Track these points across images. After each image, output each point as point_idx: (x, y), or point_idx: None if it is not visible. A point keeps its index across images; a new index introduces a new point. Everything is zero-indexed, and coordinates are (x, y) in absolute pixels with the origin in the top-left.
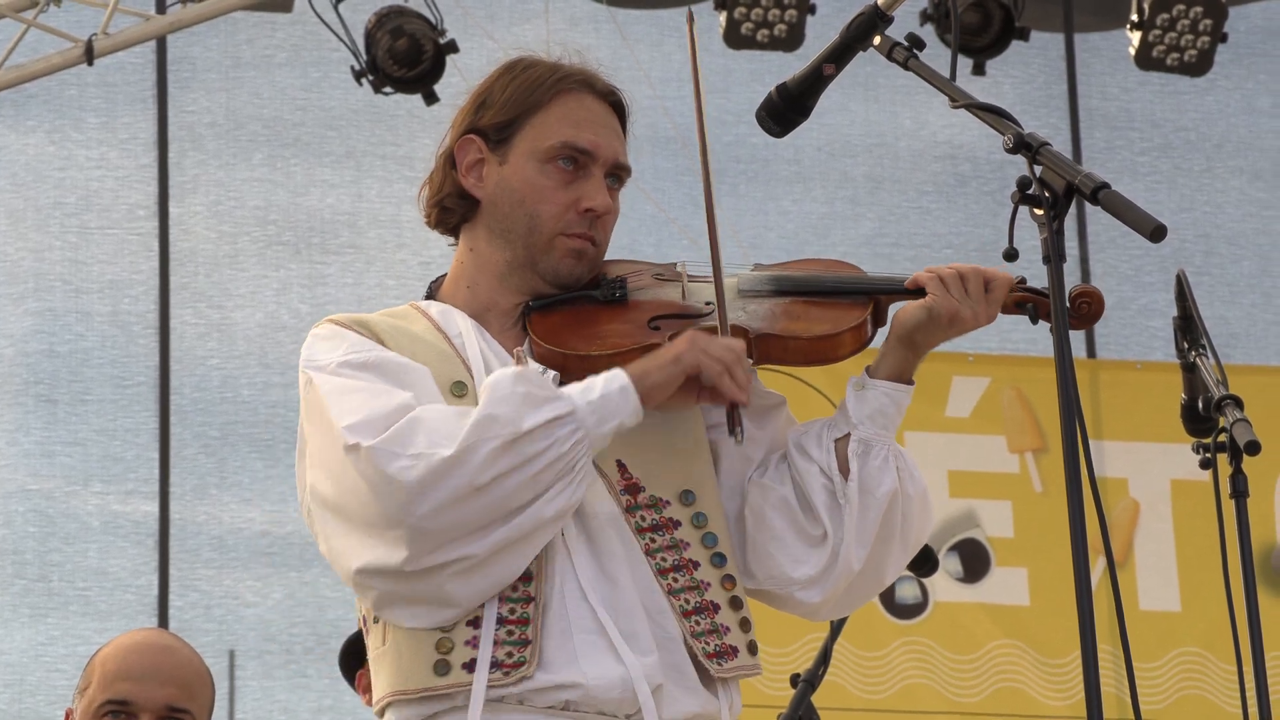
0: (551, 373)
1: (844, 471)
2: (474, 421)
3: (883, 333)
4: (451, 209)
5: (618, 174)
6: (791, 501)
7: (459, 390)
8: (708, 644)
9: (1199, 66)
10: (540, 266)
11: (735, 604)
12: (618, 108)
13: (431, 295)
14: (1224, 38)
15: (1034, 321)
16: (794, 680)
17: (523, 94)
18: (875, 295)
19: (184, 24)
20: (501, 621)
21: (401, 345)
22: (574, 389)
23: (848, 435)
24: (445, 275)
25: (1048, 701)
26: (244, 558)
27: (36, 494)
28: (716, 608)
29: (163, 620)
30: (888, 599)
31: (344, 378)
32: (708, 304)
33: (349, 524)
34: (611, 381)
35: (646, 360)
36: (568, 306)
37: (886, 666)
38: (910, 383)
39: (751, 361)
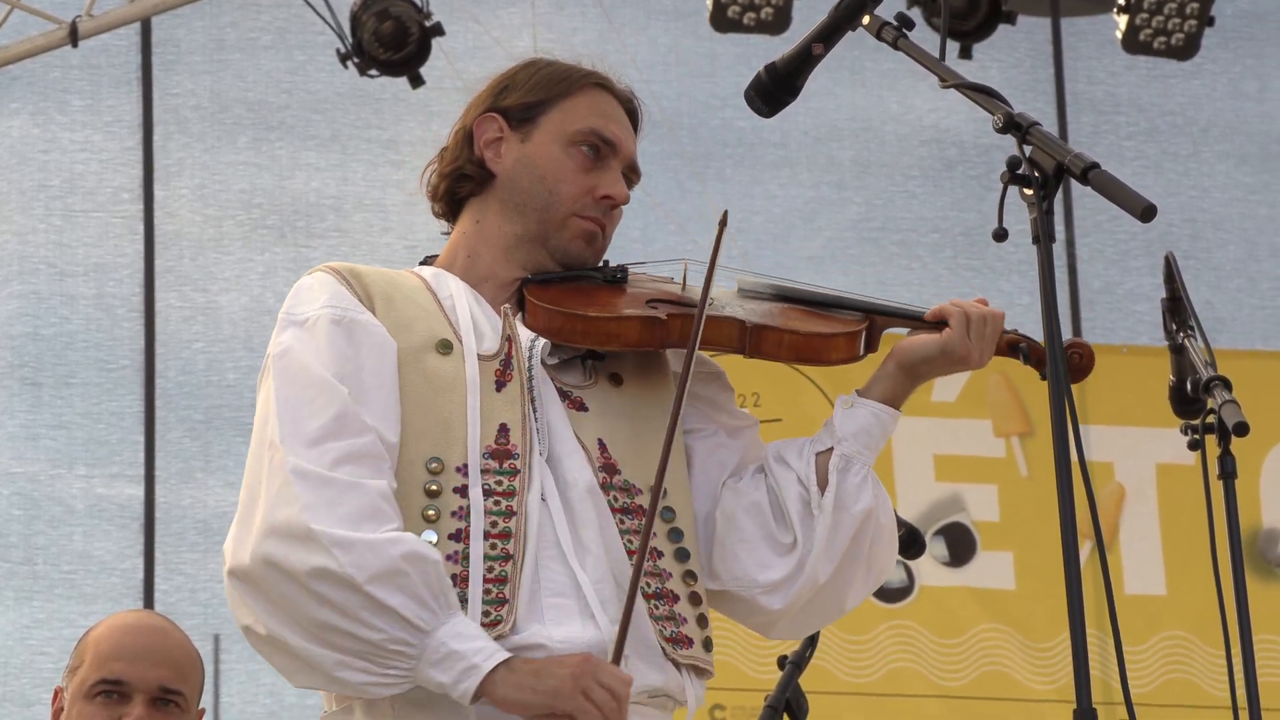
0: (542, 341)
1: (822, 484)
2: (342, 534)
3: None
4: (469, 177)
5: (629, 175)
6: (764, 507)
7: (444, 348)
8: (664, 628)
9: (1185, 50)
10: (551, 243)
11: (694, 599)
12: (632, 114)
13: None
14: (1210, 21)
15: (1026, 362)
16: (781, 663)
17: (551, 81)
18: (872, 315)
19: (168, 6)
20: (480, 579)
21: (390, 299)
22: (455, 624)
23: (830, 450)
24: (436, 256)
25: (1033, 685)
26: None
27: (21, 477)
28: (676, 598)
29: (148, 603)
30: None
31: (310, 348)
32: (710, 298)
33: (247, 493)
34: (478, 656)
35: (529, 676)
36: (566, 283)
37: (872, 650)
38: (899, 410)
39: (743, 354)
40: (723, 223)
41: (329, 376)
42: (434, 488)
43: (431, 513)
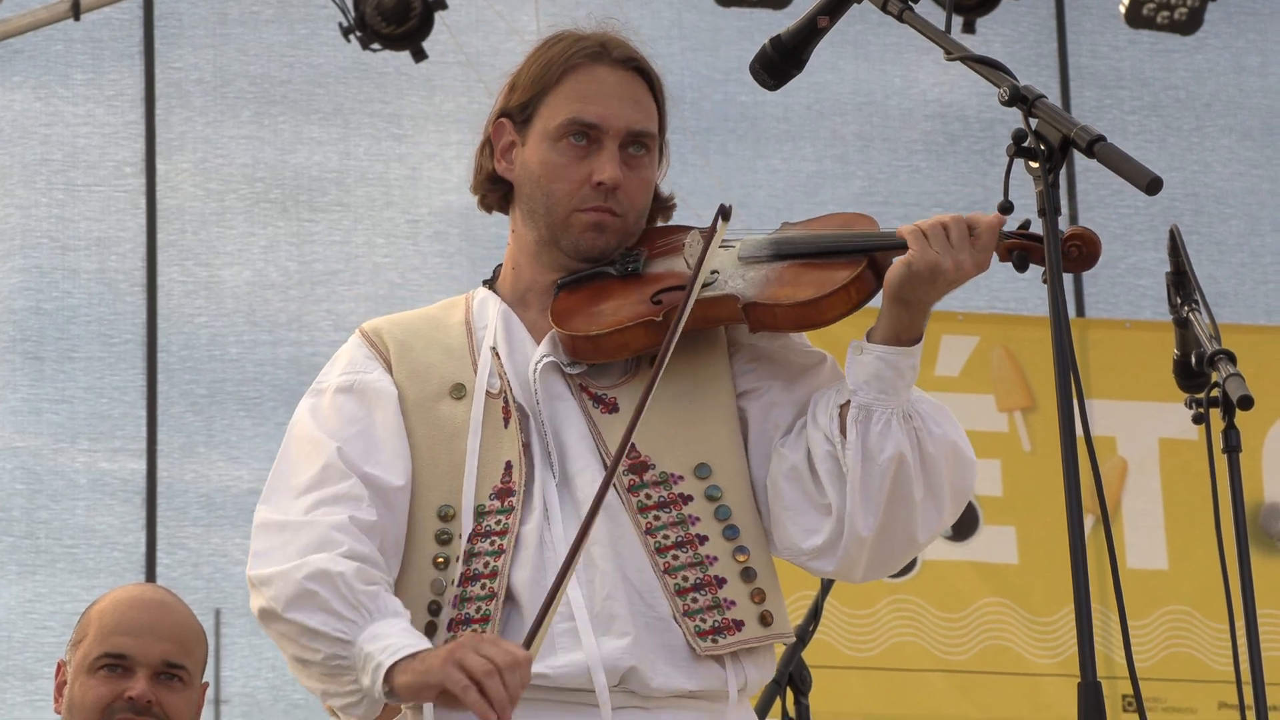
0: (544, 360)
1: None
2: (265, 573)
3: None
4: (491, 192)
5: (639, 141)
6: (802, 470)
7: (458, 393)
8: (702, 621)
9: (1189, 25)
10: (563, 244)
11: (747, 575)
12: (641, 73)
13: (493, 279)
14: None
15: (1021, 269)
16: None
17: (539, 74)
18: (870, 252)
19: None
20: (467, 620)
21: (407, 353)
22: (376, 629)
23: (849, 403)
24: None
25: (1036, 659)
26: (231, 516)
27: (23, 451)
28: (722, 582)
29: (150, 578)
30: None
31: (314, 415)
32: (714, 272)
33: None
34: (385, 653)
35: (415, 660)
36: (590, 283)
37: (875, 624)
38: (911, 343)
39: (748, 329)
40: (726, 216)
41: (322, 435)
42: (445, 535)
43: (441, 559)
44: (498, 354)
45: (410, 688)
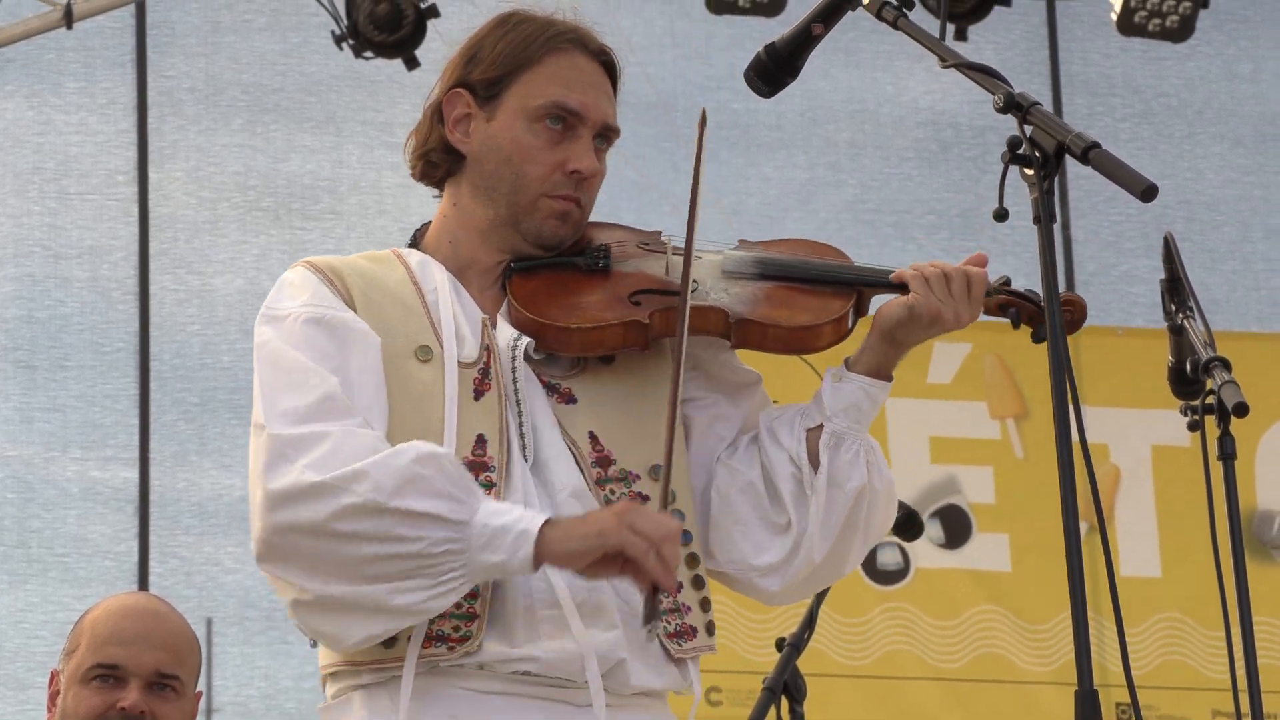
0: (525, 340)
1: (814, 463)
2: (350, 469)
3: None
4: (437, 163)
5: (606, 135)
6: (758, 486)
7: (424, 355)
8: (668, 623)
9: (1180, 32)
10: (523, 226)
11: (697, 583)
12: (609, 68)
13: (415, 243)
14: (1205, 3)
15: (1015, 325)
16: (779, 645)
17: (514, 50)
18: (859, 286)
19: None
20: None
21: (370, 300)
22: (488, 504)
23: (820, 426)
24: (429, 224)
25: (1029, 667)
26: (224, 524)
27: (15, 460)
28: (680, 586)
29: (142, 587)
30: (869, 565)
31: (288, 339)
32: (694, 282)
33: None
34: (522, 521)
35: (573, 523)
36: (550, 271)
37: (868, 632)
38: (889, 379)
39: (730, 344)
40: (702, 123)
41: (314, 365)
42: None
43: None
44: (488, 324)
45: (575, 553)
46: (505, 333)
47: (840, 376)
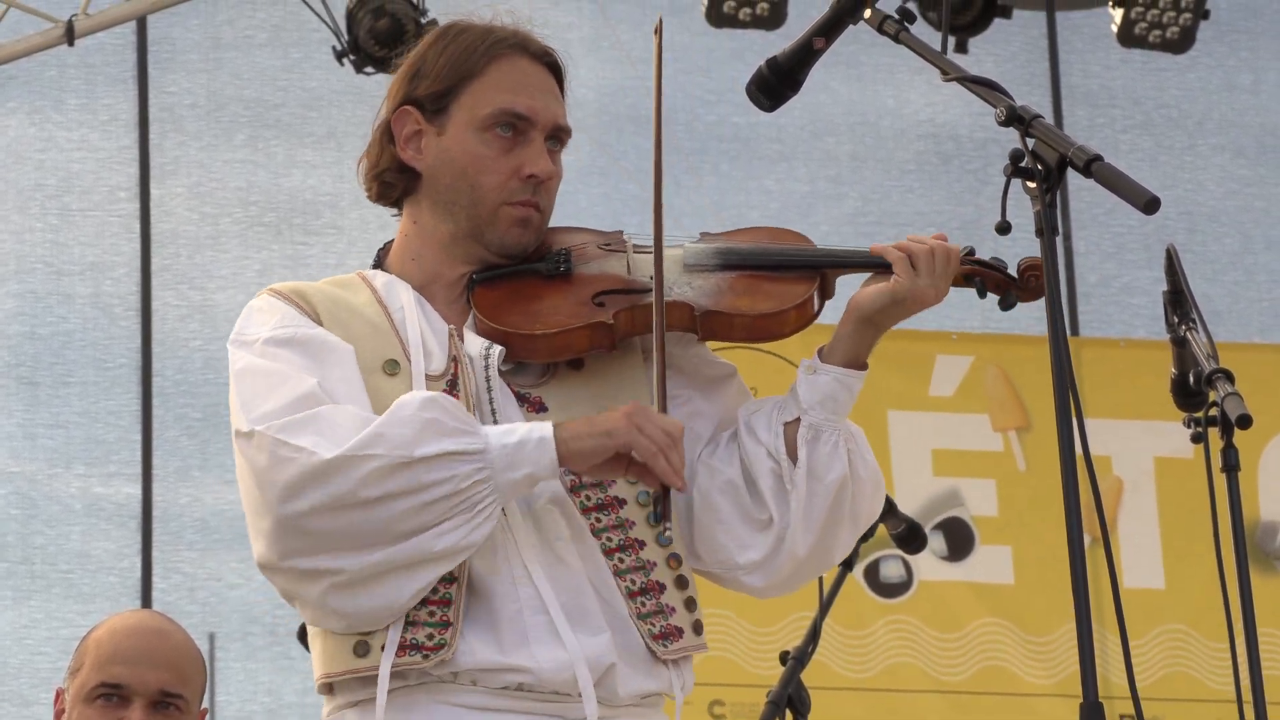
0: (497, 348)
1: (793, 457)
2: (364, 434)
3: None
4: (392, 183)
5: (558, 136)
6: (739, 484)
7: (391, 369)
8: (653, 625)
9: (1181, 44)
10: (486, 237)
11: (681, 583)
12: (554, 69)
13: (379, 264)
14: (1206, 14)
15: (981, 295)
16: (783, 658)
17: (456, 62)
18: (823, 269)
19: (164, 4)
20: (424, 603)
21: (337, 318)
22: (495, 429)
23: (798, 419)
24: (391, 242)
25: (1033, 679)
26: (227, 539)
27: (18, 476)
28: (662, 588)
29: (146, 602)
30: (872, 578)
31: (260, 357)
32: (652, 277)
33: (247, 510)
34: (534, 430)
35: (582, 423)
36: (512, 280)
37: (871, 645)
38: (863, 367)
39: (696, 338)
40: (658, 30)
41: (292, 372)
42: None
43: None
44: (455, 335)
45: (585, 452)
46: (475, 344)
47: (814, 369)
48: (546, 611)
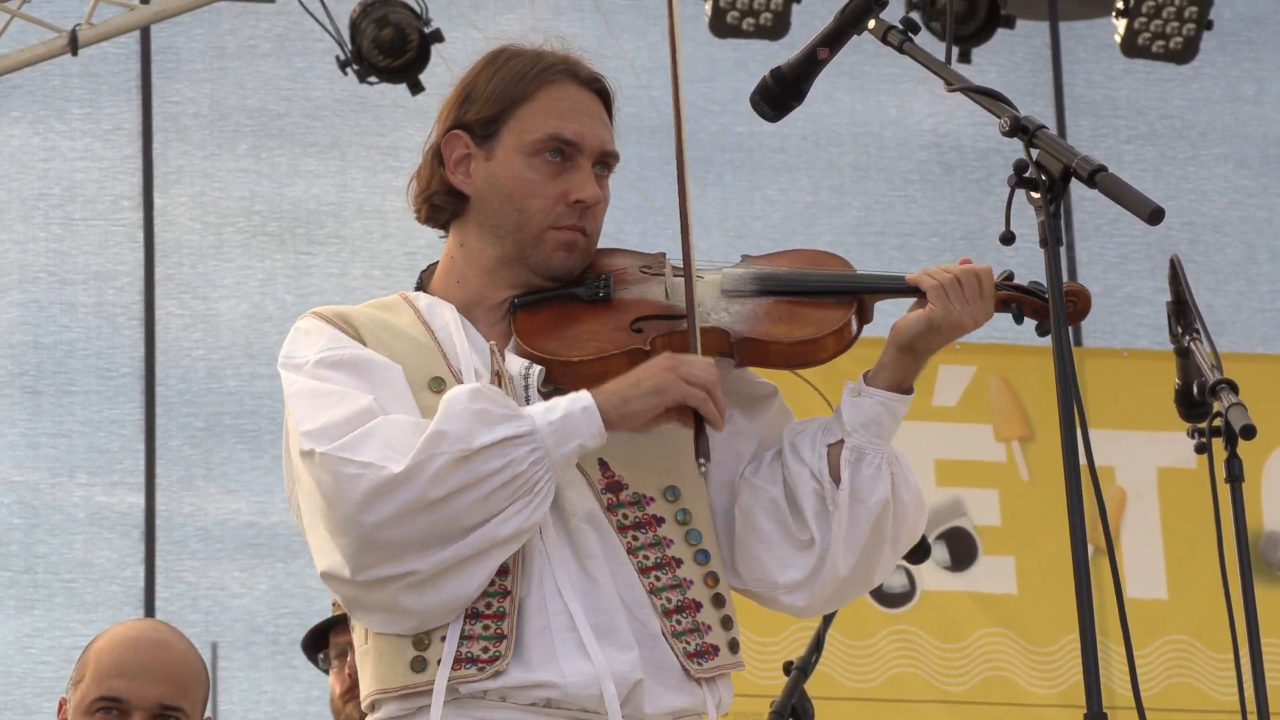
0: (536, 369)
1: (835, 478)
2: (425, 437)
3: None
4: (441, 206)
5: (606, 162)
6: (781, 504)
7: (436, 386)
8: (688, 643)
9: (1184, 54)
10: (532, 261)
11: (718, 601)
12: (602, 94)
13: (422, 285)
14: (1209, 25)
15: (1018, 320)
16: (787, 669)
17: (506, 87)
18: (860, 295)
19: (168, 14)
20: (478, 616)
21: (382, 340)
22: (536, 408)
23: (841, 441)
24: (435, 265)
25: (1036, 690)
26: (230, 549)
27: (22, 485)
28: (699, 606)
29: (149, 612)
30: (875, 589)
31: (313, 379)
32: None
33: (312, 526)
34: (575, 402)
35: (623, 384)
36: (552, 304)
37: (874, 655)
38: (909, 392)
39: (734, 363)
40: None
41: (346, 390)
42: None
43: None
44: (496, 351)
45: (636, 413)
46: (515, 364)
47: (858, 391)
48: (575, 628)
